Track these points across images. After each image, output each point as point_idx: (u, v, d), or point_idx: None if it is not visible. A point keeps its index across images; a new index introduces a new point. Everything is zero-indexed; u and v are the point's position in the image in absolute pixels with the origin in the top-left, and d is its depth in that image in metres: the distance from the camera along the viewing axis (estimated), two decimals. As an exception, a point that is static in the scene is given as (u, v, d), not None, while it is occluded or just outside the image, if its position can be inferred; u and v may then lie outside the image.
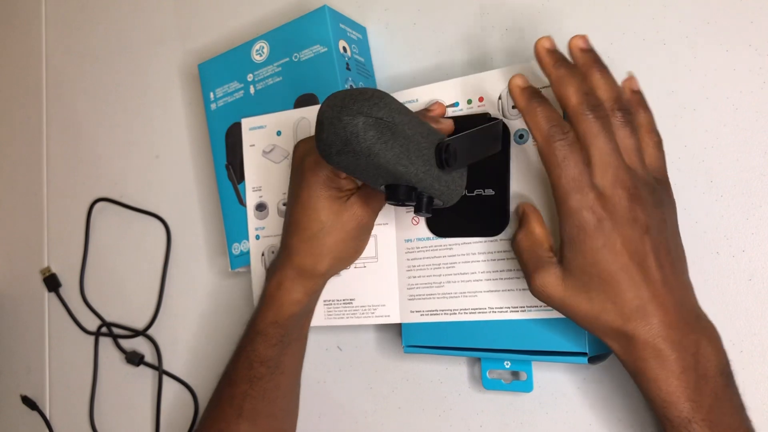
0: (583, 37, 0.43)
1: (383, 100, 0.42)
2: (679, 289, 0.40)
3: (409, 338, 0.54)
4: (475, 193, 0.50)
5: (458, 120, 0.51)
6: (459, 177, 0.47)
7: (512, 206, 0.49)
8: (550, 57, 0.42)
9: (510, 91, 0.43)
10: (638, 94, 0.45)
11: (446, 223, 0.52)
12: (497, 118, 0.49)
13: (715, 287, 0.49)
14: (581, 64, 0.42)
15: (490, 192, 0.50)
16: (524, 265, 0.44)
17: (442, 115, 0.50)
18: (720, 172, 0.49)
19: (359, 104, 0.41)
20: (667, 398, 0.39)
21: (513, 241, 0.46)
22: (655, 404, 0.40)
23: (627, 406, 0.51)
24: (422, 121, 0.45)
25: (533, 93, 0.42)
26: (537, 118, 0.40)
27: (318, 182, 0.49)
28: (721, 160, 0.49)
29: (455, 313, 0.51)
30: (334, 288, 0.57)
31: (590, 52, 0.43)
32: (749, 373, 0.48)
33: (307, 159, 0.50)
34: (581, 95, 0.40)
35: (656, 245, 0.39)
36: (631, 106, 0.42)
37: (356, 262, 0.56)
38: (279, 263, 0.53)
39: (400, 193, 0.44)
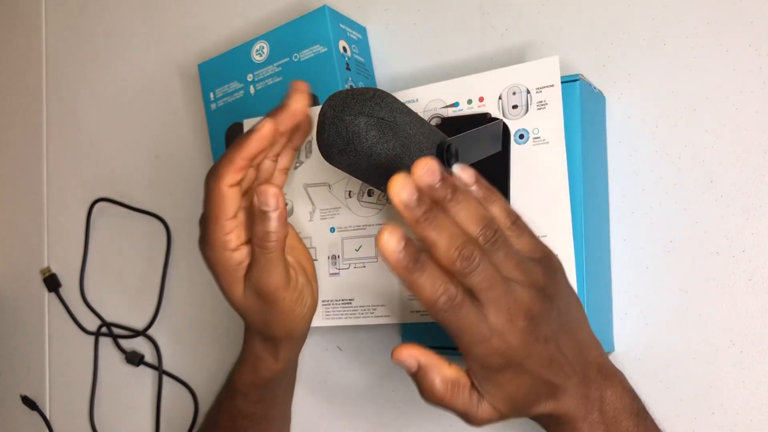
0: (429, 168, 0.37)
1: (385, 99, 0.42)
2: (582, 353, 0.42)
3: (409, 338, 0.54)
4: None
5: (458, 120, 0.51)
6: None
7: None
8: (409, 213, 0.37)
9: (379, 250, 0.37)
10: (480, 184, 0.41)
11: None
12: (497, 118, 0.49)
13: (715, 287, 0.49)
14: (439, 200, 0.38)
15: None
16: (452, 409, 0.42)
17: None
18: (720, 172, 0.49)
19: (361, 104, 0.41)
20: None
21: (427, 400, 0.42)
22: None
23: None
24: (423, 121, 0.45)
25: (411, 259, 0.37)
26: (422, 292, 0.37)
27: (212, 266, 0.48)
28: (721, 160, 0.49)
29: None
30: (332, 288, 0.57)
31: (441, 188, 0.38)
32: (749, 373, 0.48)
33: (199, 242, 0.49)
34: (454, 251, 0.37)
35: (557, 342, 0.40)
36: (491, 223, 0.39)
37: (355, 261, 0.55)
38: (245, 327, 0.53)
39: None
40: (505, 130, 0.49)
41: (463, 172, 0.40)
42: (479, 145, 0.47)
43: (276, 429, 0.57)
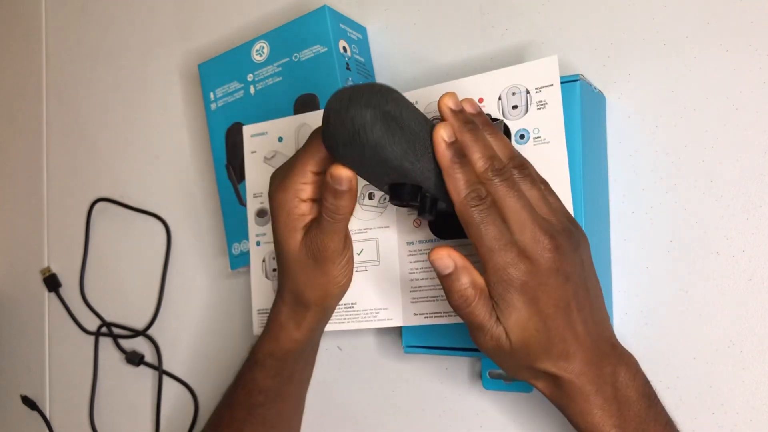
0: (470, 100, 0.44)
1: (392, 94, 0.41)
2: (597, 325, 0.42)
3: (409, 338, 0.54)
4: None
5: None
6: None
7: None
8: (455, 120, 0.42)
9: (433, 137, 0.41)
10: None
11: (448, 225, 0.51)
12: (498, 119, 0.49)
13: (715, 287, 0.49)
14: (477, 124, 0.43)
15: None
16: (469, 325, 0.42)
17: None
18: (720, 172, 0.49)
19: (367, 97, 0.40)
20: (593, 429, 0.41)
21: (451, 302, 0.42)
22: None
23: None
24: (428, 119, 0.44)
25: (456, 152, 0.41)
26: (456, 183, 0.40)
27: (278, 209, 0.47)
28: (721, 160, 0.49)
29: (458, 315, 0.51)
30: None
31: (480, 116, 0.44)
32: (749, 373, 0.48)
33: (270, 185, 0.48)
34: (486, 160, 0.41)
35: (576, 290, 0.41)
36: (523, 160, 0.43)
37: (357, 265, 0.55)
38: (277, 291, 0.52)
39: (405, 193, 0.43)
40: (506, 130, 0.49)
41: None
42: None
43: (289, 411, 0.57)
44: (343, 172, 0.43)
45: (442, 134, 0.41)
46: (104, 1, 0.85)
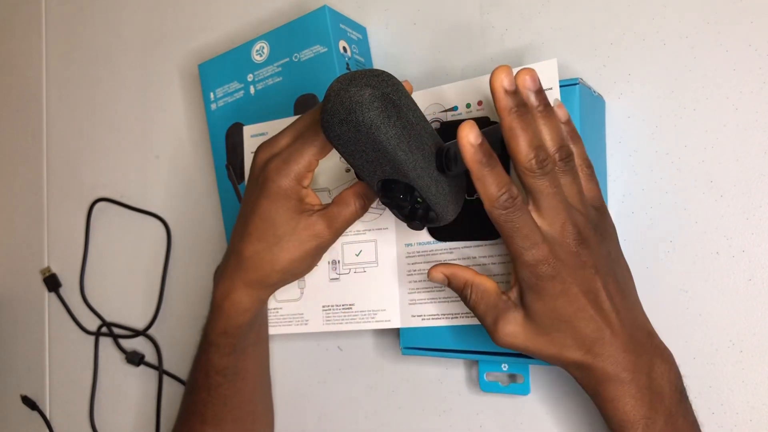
0: (532, 76, 0.41)
1: (392, 80, 0.42)
2: (630, 312, 0.43)
3: (407, 340, 0.54)
4: (475, 196, 0.49)
5: (458, 124, 0.50)
6: (457, 191, 0.45)
7: None
8: (506, 100, 0.40)
9: (460, 142, 0.40)
10: (570, 124, 0.44)
11: (447, 226, 0.51)
12: (497, 122, 0.49)
13: (715, 287, 0.49)
14: (530, 107, 0.41)
15: None
16: (483, 318, 0.44)
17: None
18: (720, 172, 0.49)
19: (368, 78, 0.41)
20: (624, 418, 0.42)
21: (466, 300, 0.45)
22: (612, 423, 0.42)
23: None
24: (427, 120, 0.44)
25: (485, 154, 0.40)
26: (487, 187, 0.40)
27: (279, 192, 0.47)
28: (721, 160, 0.49)
29: (456, 317, 0.51)
30: (333, 293, 0.56)
31: (538, 94, 0.41)
32: (749, 373, 0.48)
33: (270, 165, 0.47)
34: (531, 150, 0.40)
35: (605, 279, 0.42)
36: (569, 150, 0.42)
37: (355, 266, 0.55)
38: (227, 271, 0.51)
39: (397, 190, 0.43)
40: None
41: (561, 108, 0.44)
42: None
43: (249, 390, 0.57)
44: (437, 276, 0.47)
45: (470, 138, 0.39)
46: (104, 1, 0.85)
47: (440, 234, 0.52)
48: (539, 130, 0.41)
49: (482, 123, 0.50)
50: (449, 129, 0.50)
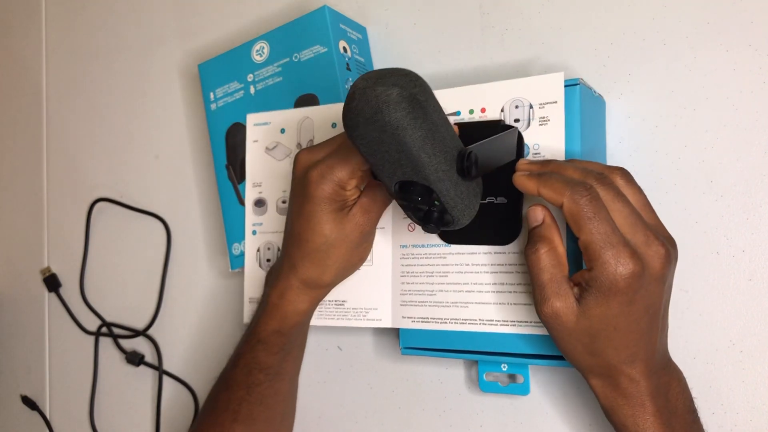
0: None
1: (419, 80, 0.41)
2: (662, 337, 0.44)
3: (407, 340, 0.54)
4: (487, 200, 0.49)
5: (471, 126, 0.50)
6: (473, 195, 0.45)
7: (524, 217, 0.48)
8: (532, 166, 0.44)
9: (517, 184, 0.43)
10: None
11: (458, 230, 0.51)
12: (511, 126, 0.49)
13: (715, 287, 0.49)
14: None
15: (502, 200, 0.48)
16: (541, 285, 0.43)
17: None
18: (720, 172, 0.49)
19: (395, 78, 0.40)
20: None
21: (532, 254, 0.43)
22: None
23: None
24: (449, 122, 0.44)
25: (541, 166, 0.43)
26: (555, 184, 0.41)
27: (322, 197, 0.48)
28: (721, 160, 0.49)
29: (446, 323, 0.51)
30: None
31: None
32: (749, 373, 0.48)
33: (312, 172, 0.49)
34: (580, 172, 0.41)
35: (667, 300, 0.43)
36: (624, 172, 0.44)
37: None
38: (281, 272, 0.53)
39: (415, 192, 0.42)
40: (519, 138, 0.48)
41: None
42: (496, 154, 0.46)
43: (285, 391, 0.58)
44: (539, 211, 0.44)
45: (520, 179, 0.43)
46: (104, 1, 0.85)
47: (448, 236, 0.51)
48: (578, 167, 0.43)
49: (496, 126, 0.49)
50: (463, 130, 0.49)
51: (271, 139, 0.60)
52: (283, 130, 0.59)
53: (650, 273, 0.40)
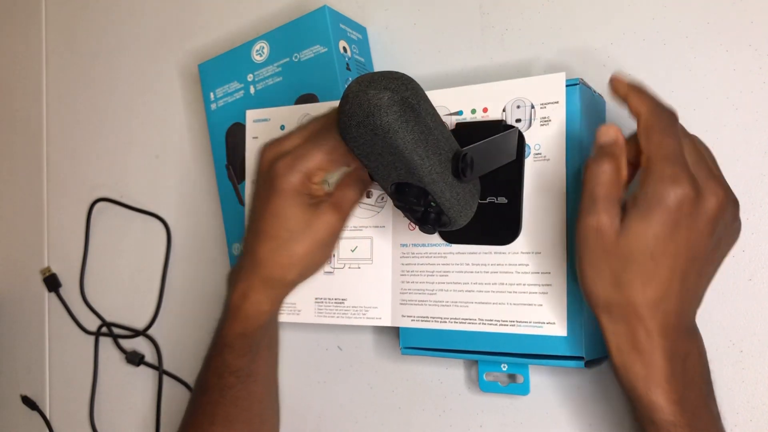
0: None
1: (412, 83, 0.41)
2: (692, 301, 0.42)
3: (407, 340, 0.54)
4: (487, 200, 0.49)
5: (472, 126, 0.50)
6: (471, 196, 0.45)
7: (524, 217, 0.48)
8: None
9: (611, 81, 0.42)
10: None
11: (458, 230, 0.51)
12: (512, 126, 0.48)
13: (715, 287, 0.49)
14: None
15: (502, 200, 0.48)
16: (593, 198, 0.40)
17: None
18: (720, 172, 0.49)
19: (387, 81, 0.40)
20: (655, 399, 0.39)
21: (596, 166, 0.40)
22: (641, 404, 0.40)
23: (625, 409, 0.51)
24: (445, 124, 0.44)
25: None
26: (643, 94, 0.41)
27: (288, 189, 0.47)
28: (721, 160, 0.49)
29: (446, 322, 0.51)
30: (326, 286, 0.57)
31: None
32: (749, 373, 0.48)
33: (278, 164, 0.47)
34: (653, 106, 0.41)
35: (713, 261, 0.41)
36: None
37: (350, 262, 0.56)
38: (243, 272, 0.51)
39: (411, 194, 0.42)
40: (520, 138, 0.48)
41: None
42: (495, 154, 0.46)
43: (260, 392, 0.57)
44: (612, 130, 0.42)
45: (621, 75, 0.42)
46: (104, 1, 0.85)
47: (449, 236, 0.51)
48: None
49: (497, 126, 0.49)
50: (464, 130, 0.49)
51: (270, 135, 0.60)
52: (282, 127, 0.59)
53: (703, 207, 0.38)
